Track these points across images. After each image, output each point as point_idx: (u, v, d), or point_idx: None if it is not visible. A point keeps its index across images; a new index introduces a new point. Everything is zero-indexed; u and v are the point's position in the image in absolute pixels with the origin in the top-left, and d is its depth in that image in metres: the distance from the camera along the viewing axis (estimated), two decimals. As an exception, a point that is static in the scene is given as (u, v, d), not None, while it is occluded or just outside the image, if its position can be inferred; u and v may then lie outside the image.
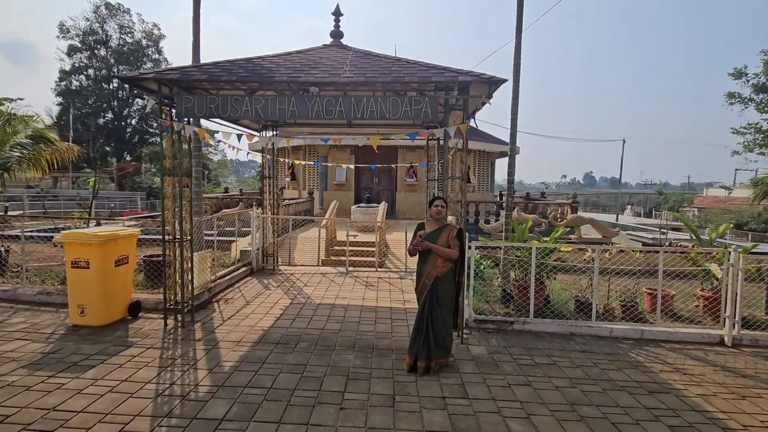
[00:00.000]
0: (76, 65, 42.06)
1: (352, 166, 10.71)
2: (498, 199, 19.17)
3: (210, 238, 9.47)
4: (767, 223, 24.59)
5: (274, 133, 8.53)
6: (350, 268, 8.70)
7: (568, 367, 4.44)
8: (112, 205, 23.53)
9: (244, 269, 8.14)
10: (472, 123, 9.15)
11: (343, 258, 9.25)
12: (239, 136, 5.16)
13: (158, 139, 41.30)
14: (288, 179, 18.06)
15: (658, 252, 5.72)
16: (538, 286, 5.98)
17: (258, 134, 5.20)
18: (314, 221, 12.34)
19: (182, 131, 4.93)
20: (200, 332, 5.06)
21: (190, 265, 5.33)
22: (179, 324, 5.26)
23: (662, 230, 12.77)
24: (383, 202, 10.47)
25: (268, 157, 8.80)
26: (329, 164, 14.33)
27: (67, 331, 4.96)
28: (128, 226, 6.96)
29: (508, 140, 8.51)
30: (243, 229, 10.54)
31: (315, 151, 16.70)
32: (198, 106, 4.71)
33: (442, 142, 8.66)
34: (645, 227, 18.10)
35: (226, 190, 25.11)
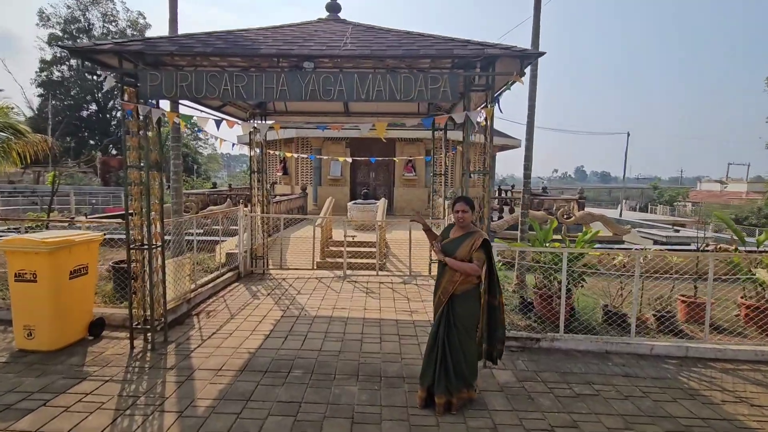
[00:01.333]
0: (58, 55, 40.39)
1: (349, 159, 9.90)
2: (499, 194, 18.46)
3: (194, 238, 8.61)
4: (768, 218, 24.27)
5: (261, 119, 7.67)
6: (348, 272, 7.91)
7: (614, 398, 3.71)
8: (94, 201, 22.39)
9: (230, 274, 7.30)
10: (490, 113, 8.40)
11: (339, 260, 8.45)
12: (218, 123, 4.31)
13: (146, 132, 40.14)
14: (280, 174, 17.16)
15: (699, 255, 5.01)
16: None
17: (241, 122, 4.36)
18: (308, 219, 11.51)
19: (149, 116, 4.07)
20: (173, 357, 4.24)
21: (161, 275, 4.50)
22: (149, 346, 4.43)
23: (675, 228, 12.16)
24: (383, 199, 9.69)
25: (257, 150, 7.93)
26: (324, 157, 13.44)
27: (11, 357, 4.11)
28: (94, 228, 6.07)
29: (507, 132, 7.78)
30: (232, 227, 9.69)
31: (308, 144, 15.81)
32: (166, 84, 3.86)
33: (447, 131, 7.98)
34: (653, 224, 17.57)
35: (215, 185, 24.12)
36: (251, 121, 7.37)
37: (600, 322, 5.36)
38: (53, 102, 37.76)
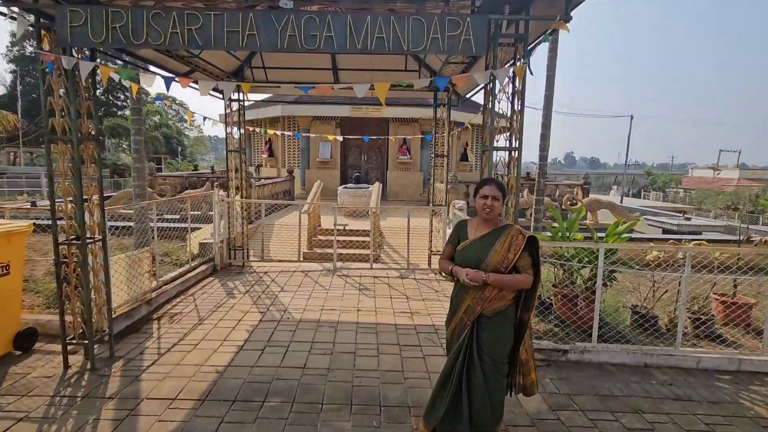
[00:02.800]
0: (30, 28, 38.00)
1: (340, 138, 8.94)
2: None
3: (164, 225, 7.66)
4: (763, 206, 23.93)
5: (237, 91, 6.66)
6: (339, 264, 7.06)
7: (674, 434, 2.95)
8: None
9: (203, 268, 6.39)
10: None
11: (329, 250, 7.59)
12: (168, 81, 3.32)
13: (126, 112, 38.23)
14: (265, 156, 16.09)
15: (741, 250, 4.25)
16: (589, 297, 4.49)
17: (195, 84, 3.35)
18: (294, 205, 10.58)
19: (77, 70, 3.10)
20: (117, 380, 3.36)
21: (103, 276, 3.58)
22: (88, 364, 3.54)
23: (686, 216, 11.53)
24: (377, 183, 8.79)
25: (235, 127, 6.94)
26: (312, 135, 12.40)
27: None
28: (19, 217, 5.09)
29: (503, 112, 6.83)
30: (210, 213, 8.73)
31: (295, 123, 14.72)
32: (94, 25, 2.89)
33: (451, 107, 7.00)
34: (658, 211, 16.98)
35: (196, 167, 22.89)
36: (220, 83, 6.36)
37: (628, 326, 4.63)
38: (28, 79, 35.72)
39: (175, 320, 4.68)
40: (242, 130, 7.04)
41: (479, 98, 12.48)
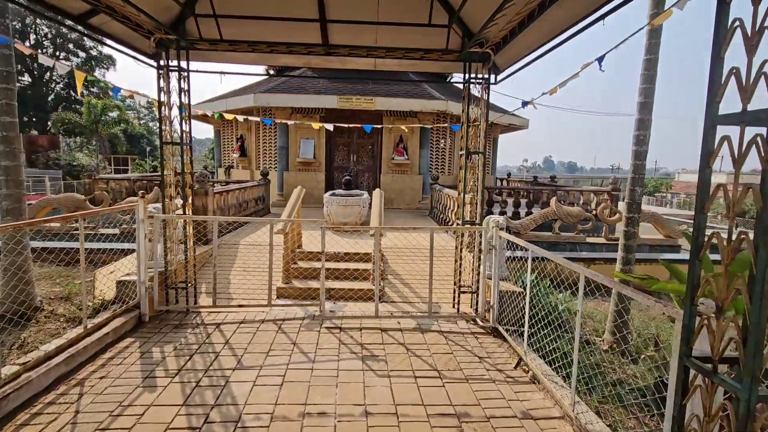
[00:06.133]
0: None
1: (329, 127, 6.83)
2: (506, 183, 15.87)
3: (95, 245, 5.34)
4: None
5: (177, 56, 4.47)
6: (328, 306, 4.90)
7: None
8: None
9: (119, 323, 4.13)
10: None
11: (313, 284, 5.42)
12: None
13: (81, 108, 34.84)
14: (236, 155, 13.74)
15: None
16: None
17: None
18: (264, 220, 8.31)
19: None
20: None
21: None
22: None
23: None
24: (377, 191, 6.68)
25: (178, 112, 4.72)
26: (289, 122, 10.01)
27: None
28: None
29: (509, 109, 4.96)
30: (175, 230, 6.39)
31: (271, 113, 12.40)
32: None
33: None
34: (682, 220, 15.39)
35: (155, 168, 20.25)
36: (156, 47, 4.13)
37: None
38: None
39: (18, 461, 2.42)
40: (185, 113, 4.81)
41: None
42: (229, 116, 9.27)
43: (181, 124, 4.73)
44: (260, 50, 4.79)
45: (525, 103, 6.32)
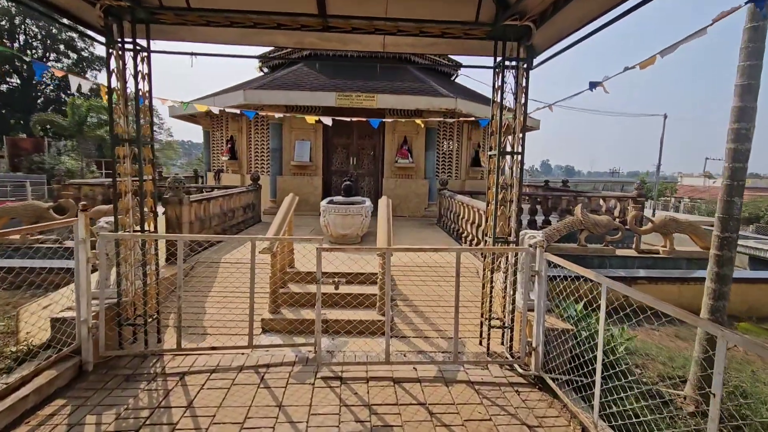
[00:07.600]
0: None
1: (327, 121, 5.88)
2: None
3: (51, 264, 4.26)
4: (784, 216, 21.96)
5: (132, 32, 3.48)
6: (325, 343, 3.89)
7: None
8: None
9: (46, 377, 3.09)
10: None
11: (306, 313, 4.41)
12: None
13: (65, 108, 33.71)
14: (226, 158, 12.71)
15: None
16: None
17: None
18: (249, 233, 7.29)
19: None
20: None
21: None
22: None
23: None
24: (384, 198, 5.70)
25: (132, 101, 3.72)
26: (277, 114, 8.94)
27: None
28: None
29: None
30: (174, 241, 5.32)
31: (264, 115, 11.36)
32: None
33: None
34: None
35: (160, 174, 19.09)
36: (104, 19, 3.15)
37: None
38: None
39: None
40: (146, 102, 3.80)
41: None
42: (214, 111, 8.25)
43: (137, 117, 3.72)
44: (240, 24, 3.79)
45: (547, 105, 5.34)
